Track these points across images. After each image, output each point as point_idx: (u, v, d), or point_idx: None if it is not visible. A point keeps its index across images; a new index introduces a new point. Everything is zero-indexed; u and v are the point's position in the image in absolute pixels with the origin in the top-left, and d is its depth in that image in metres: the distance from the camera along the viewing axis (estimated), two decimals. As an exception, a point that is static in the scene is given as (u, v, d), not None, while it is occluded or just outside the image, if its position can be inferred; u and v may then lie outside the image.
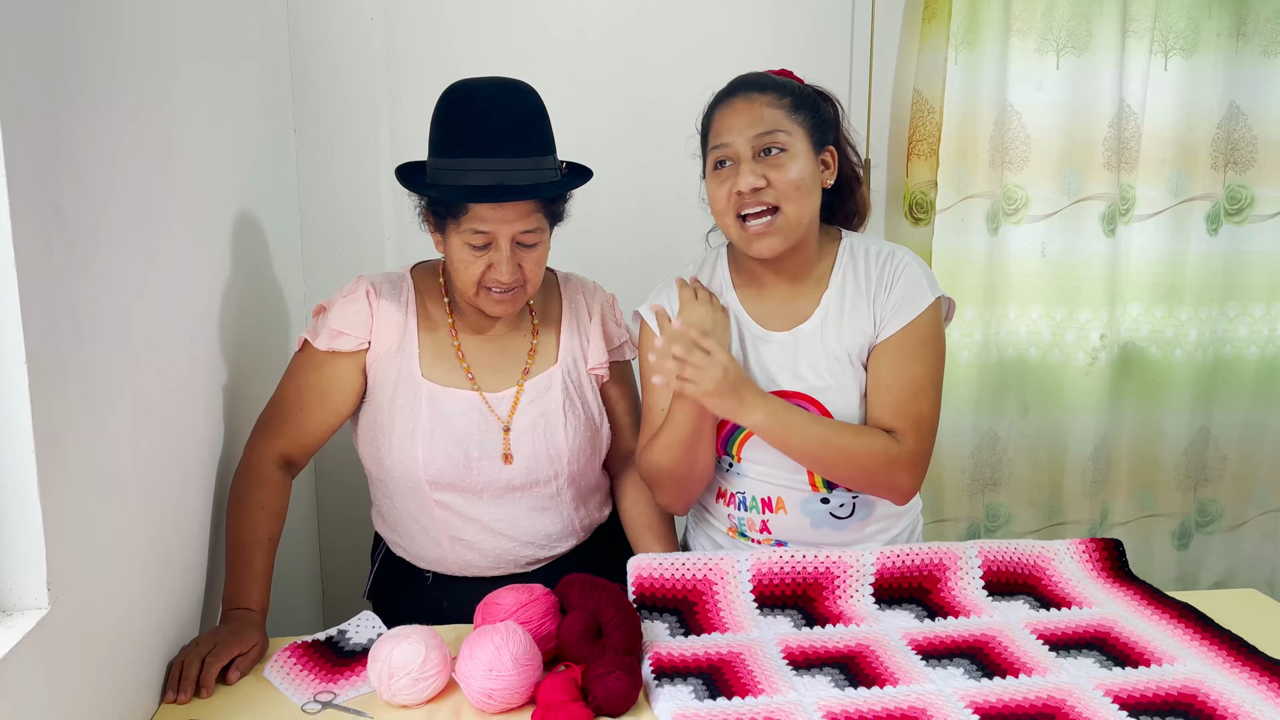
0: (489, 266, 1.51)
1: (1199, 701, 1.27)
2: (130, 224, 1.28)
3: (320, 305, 1.62)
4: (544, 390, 1.63)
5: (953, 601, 1.54)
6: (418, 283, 1.65)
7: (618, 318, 1.74)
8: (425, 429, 1.56)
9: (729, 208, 1.54)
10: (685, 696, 1.29)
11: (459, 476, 1.57)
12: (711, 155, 1.57)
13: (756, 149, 1.52)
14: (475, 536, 1.61)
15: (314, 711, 1.31)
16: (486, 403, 1.60)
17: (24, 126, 1.01)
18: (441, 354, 1.61)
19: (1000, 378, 2.61)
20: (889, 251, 1.62)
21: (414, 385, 1.58)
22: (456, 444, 1.57)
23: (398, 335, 1.59)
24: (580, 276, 1.76)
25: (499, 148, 1.48)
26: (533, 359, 1.65)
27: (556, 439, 1.62)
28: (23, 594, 1.05)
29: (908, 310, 1.56)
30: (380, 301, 1.59)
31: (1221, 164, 2.58)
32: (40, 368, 1.03)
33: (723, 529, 1.70)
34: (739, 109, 1.55)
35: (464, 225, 1.50)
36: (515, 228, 1.50)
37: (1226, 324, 2.69)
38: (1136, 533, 2.75)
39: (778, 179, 1.51)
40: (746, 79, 1.60)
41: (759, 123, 1.53)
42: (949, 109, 2.43)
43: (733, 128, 1.54)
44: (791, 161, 1.52)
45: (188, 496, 1.50)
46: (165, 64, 1.44)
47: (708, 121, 1.60)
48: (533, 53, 2.34)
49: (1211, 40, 2.51)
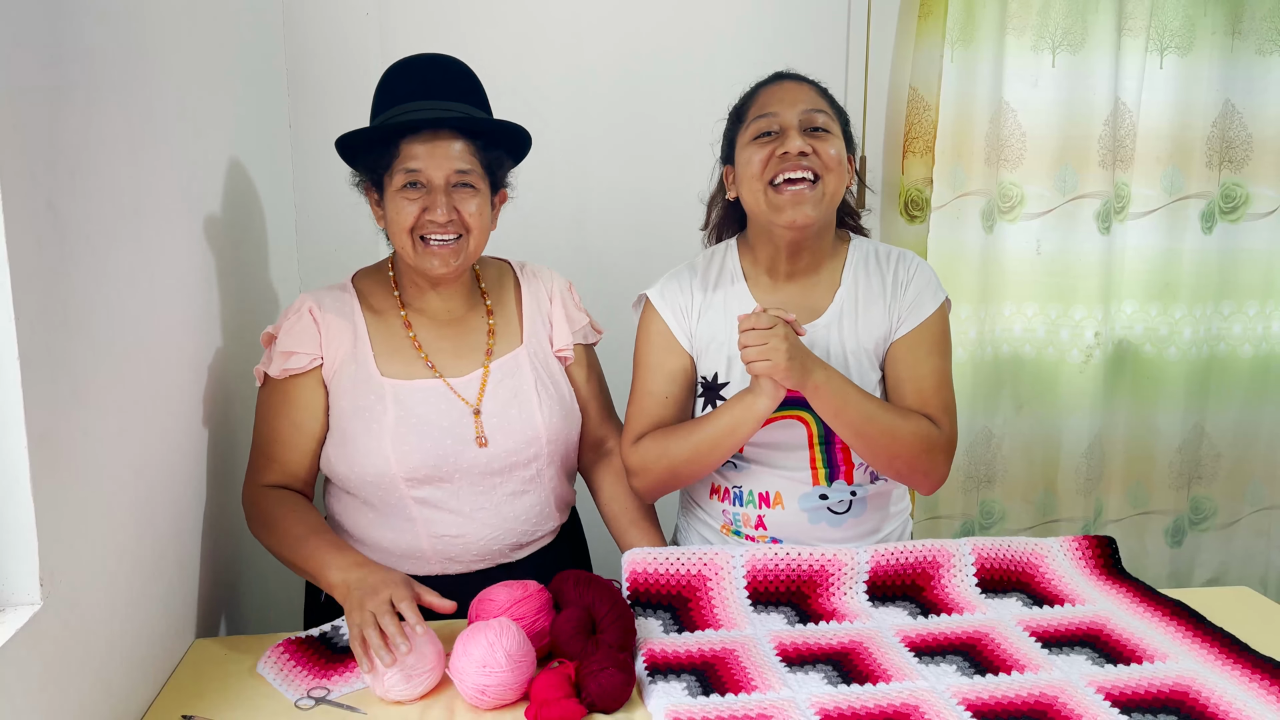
0: (424, 210, 1.50)
1: (1191, 699, 1.27)
2: (122, 219, 1.28)
3: (268, 333, 1.58)
4: (512, 371, 1.61)
5: (946, 599, 1.54)
6: (361, 286, 1.63)
7: (576, 301, 1.73)
8: (392, 426, 1.53)
9: (765, 172, 1.55)
10: (679, 693, 1.29)
11: (435, 468, 1.54)
12: (755, 125, 1.58)
13: (805, 124, 1.56)
14: (458, 530, 1.58)
15: (307, 708, 1.31)
16: (451, 388, 1.58)
17: (17, 121, 1.01)
18: (397, 348, 1.58)
19: (995, 375, 2.62)
20: (899, 253, 1.67)
21: (375, 386, 1.55)
22: (427, 434, 1.54)
23: (349, 342, 1.56)
24: (535, 264, 1.75)
25: (430, 93, 1.52)
26: (493, 339, 1.63)
27: (533, 420, 1.60)
28: (15, 589, 1.04)
29: (924, 307, 1.61)
30: (325, 315, 1.57)
31: (1216, 162, 2.58)
32: (32, 362, 1.02)
33: (716, 526, 1.70)
34: (789, 87, 1.60)
35: (397, 171, 1.50)
36: (448, 166, 1.50)
37: (1221, 322, 2.69)
38: (1130, 530, 2.76)
39: (823, 150, 1.55)
40: (790, 70, 1.65)
41: (809, 99, 1.58)
42: (945, 106, 2.43)
43: (783, 100, 1.58)
44: (834, 141, 1.57)
45: (180, 491, 1.49)
46: (159, 59, 1.44)
47: (746, 102, 1.63)
48: (529, 48, 2.33)
49: (1207, 38, 2.52)
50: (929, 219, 2.47)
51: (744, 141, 1.59)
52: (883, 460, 1.58)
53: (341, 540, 1.51)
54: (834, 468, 1.63)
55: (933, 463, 1.58)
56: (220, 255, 1.69)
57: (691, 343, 1.65)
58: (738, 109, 1.65)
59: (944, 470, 1.61)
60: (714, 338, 1.64)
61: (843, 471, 1.63)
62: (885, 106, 2.49)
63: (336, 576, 1.42)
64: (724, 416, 1.56)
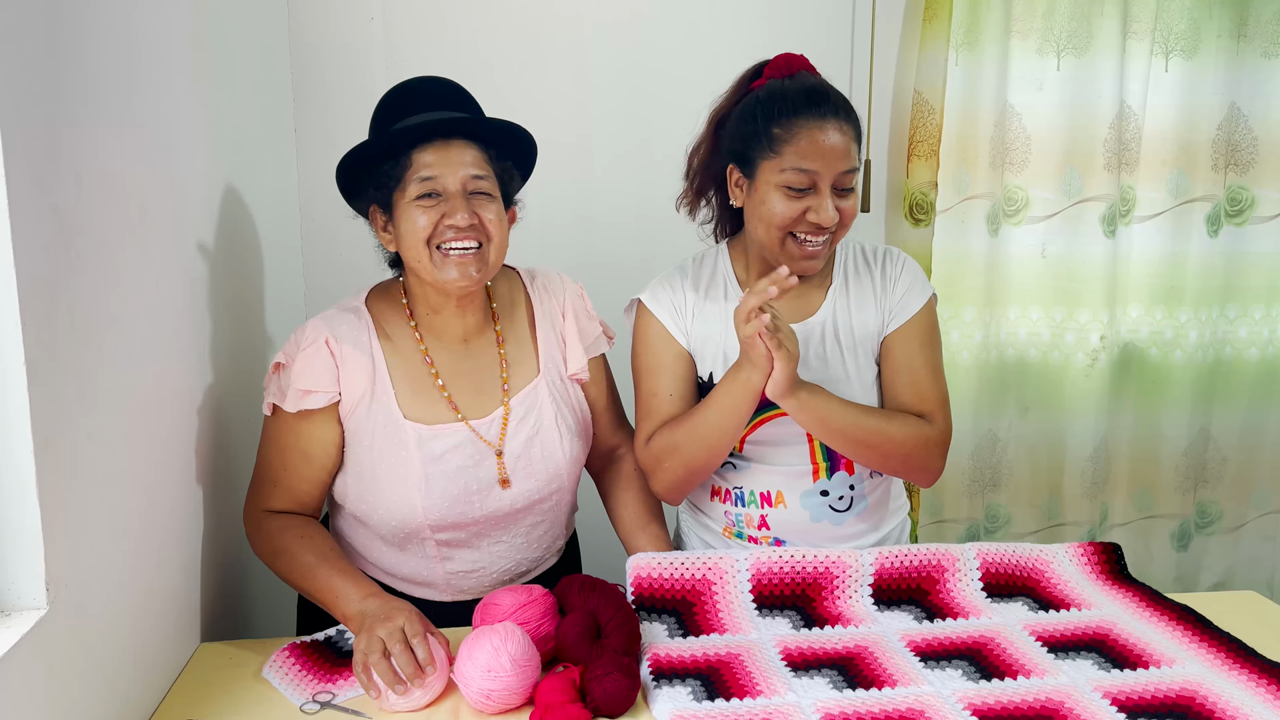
0: (443, 216, 1.44)
1: (1197, 704, 1.27)
2: (128, 224, 1.28)
3: (277, 362, 1.50)
4: (532, 406, 1.57)
5: (951, 603, 1.54)
6: (376, 312, 1.54)
7: (588, 309, 1.68)
8: (418, 475, 1.48)
9: (788, 224, 1.52)
10: (684, 698, 1.29)
11: (461, 514, 1.52)
12: (787, 175, 1.50)
13: (838, 186, 1.51)
14: (474, 565, 1.57)
15: (312, 712, 1.31)
16: (475, 431, 1.53)
17: (22, 126, 1.01)
18: (419, 387, 1.52)
19: (1000, 379, 2.61)
20: (884, 250, 1.68)
21: (398, 429, 1.49)
22: (453, 483, 1.50)
23: (368, 380, 1.49)
24: (545, 270, 1.69)
25: (435, 104, 1.49)
26: (507, 369, 1.58)
27: (555, 458, 1.57)
28: (21, 594, 1.04)
29: (914, 301, 1.62)
30: (342, 347, 1.49)
31: (1222, 165, 2.58)
32: (38, 367, 1.02)
33: (718, 529, 1.70)
34: (833, 137, 1.50)
35: (410, 182, 1.44)
36: (463, 172, 1.45)
37: (1226, 325, 2.68)
38: (1136, 534, 2.75)
39: (846, 213, 1.53)
40: (834, 97, 1.53)
41: (847, 158, 1.51)
42: (949, 110, 2.43)
43: (823, 156, 1.49)
44: (855, 197, 1.55)
45: (185, 496, 1.49)
46: (164, 64, 1.44)
47: (784, 129, 1.51)
48: (533, 52, 2.34)
49: (1212, 41, 2.51)
50: (934, 222, 2.47)
51: (770, 178, 1.52)
52: (877, 461, 1.60)
53: (353, 568, 1.47)
54: (834, 459, 1.63)
55: (928, 457, 1.60)
56: (225, 261, 1.69)
57: (689, 340, 1.65)
58: (769, 122, 1.52)
59: (940, 464, 1.62)
60: (709, 338, 1.64)
61: (842, 463, 1.64)
62: (890, 110, 2.49)
63: (352, 608, 1.40)
64: (722, 397, 1.54)
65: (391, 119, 1.50)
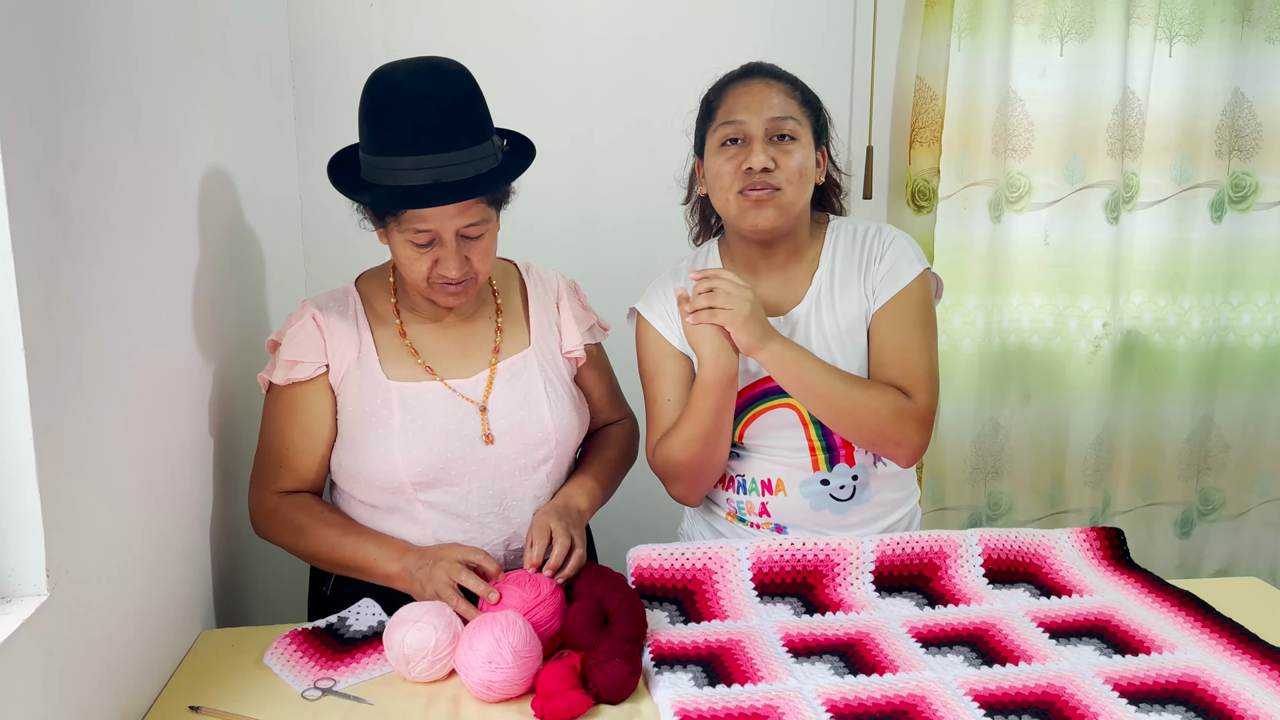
0: (435, 263, 1.47)
1: (1199, 689, 1.26)
2: (126, 212, 1.28)
3: (272, 339, 1.57)
4: (520, 372, 1.60)
5: (953, 589, 1.54)
6: (364, 290, 1.61)
7: (582, 301, 1.73)
8: (399, 429, 1.52)
9: (733, 183, 1.56)
10: (685, 684, 1.29)
11: (442, 470, 1.53)
12: (720, 131, 1.58)
13: (770, 132, 1.55)
14: (465, 536, 1.57)
15: (314, 698, 1.31)
16: (453, 389, 1.56)
17: (20, 114, 1.01)
18: (400, 352, 1.57)
19: (1002, 366, 2.61)
20: (876, 228, 1.66)
21: (381, 389, 1.54)
22: (434, 436, 1.53)
23: (354, 348, 1.55)
24: (540, 266, 1.73)
25: (431, 144, 1.40)
26: (500, 337, 1.62)
27: (543, 421, 1.59)
28: (22, 581, 1.05)
29: (899, 278, 1.60)
30: (329, 319, 1.55)
31: (1226, 151, 2.57)
32: (37, 354, 1.02)
33: (721, 514, 1.71)
34: (756, 90, 1.58)
35: (404, 225, 1.45)
36: (458, 223, 1.44)
37: (1230, 312, 2.68)
38: (1138, 521, 2.75)
39: (785, 164, 1.55)
40: (762, 65, 1.63)
41: (775, 107, 1.56)
42: (952, 96, 2.42)
43: (749, 107, 1.56)
44: (799, 150, 1.56)
45: (186, 483, 1.50)
46: (163, 53, 1.43)
47: (716, 98, 1.61)
48: (532, 40, 2.33)
49: (1216, 27, 2.50)
50: (936, 209, 2.46)
51: (712, 145, 1.59)
52: (850, 429, 1.59)
53: (378, 532, 1.54)
54: (833, 451, 1.63)
55: (903, 432, 1.57)
56: (224, 248, 1.68)
57: (684, 343, 1.65)
58: (707, 102, 1.63)
59: (917, 440, 1.59)
60: None
61: (843, 455, 1.63)
62: (892, 96, 2.48)
63: (393, 566, 1.49)
64: (693, 403, 1.57)
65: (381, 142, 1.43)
